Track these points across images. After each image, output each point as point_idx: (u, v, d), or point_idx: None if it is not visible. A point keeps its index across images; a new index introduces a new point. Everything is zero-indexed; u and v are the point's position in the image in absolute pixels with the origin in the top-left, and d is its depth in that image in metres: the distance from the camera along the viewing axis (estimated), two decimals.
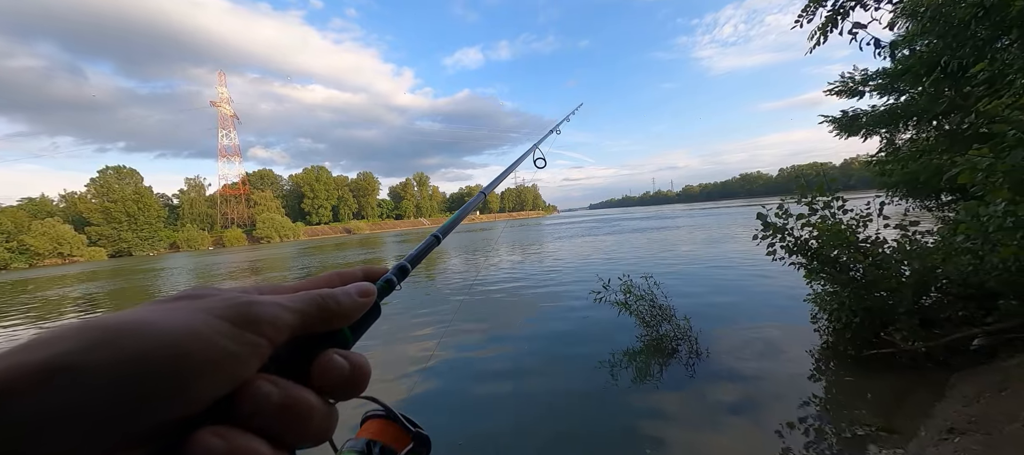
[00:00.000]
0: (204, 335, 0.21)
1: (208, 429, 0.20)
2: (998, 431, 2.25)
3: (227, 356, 0.21)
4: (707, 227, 21.02)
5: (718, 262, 9.86)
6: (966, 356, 3.26)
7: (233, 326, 0.22)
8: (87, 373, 0.17)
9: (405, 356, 4.90)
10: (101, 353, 0.18)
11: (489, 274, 10.98)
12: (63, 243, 63.71)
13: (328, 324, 0.27)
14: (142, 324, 0.19)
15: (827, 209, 3.85)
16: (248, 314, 0.23)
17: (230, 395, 0.21)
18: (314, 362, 0.25)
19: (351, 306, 0.29)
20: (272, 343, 0.24)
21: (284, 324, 0.24)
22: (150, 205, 77.81)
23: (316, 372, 0.25)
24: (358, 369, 0.27)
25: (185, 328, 0.20)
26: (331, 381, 0.25)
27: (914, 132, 7.73)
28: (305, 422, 0.23)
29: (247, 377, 0.22)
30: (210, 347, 0.20)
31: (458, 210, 0.57)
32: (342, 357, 0.26)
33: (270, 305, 0.24)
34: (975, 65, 3.88)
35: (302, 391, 0.24)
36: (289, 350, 0.25)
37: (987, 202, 2.87)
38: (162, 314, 0.21)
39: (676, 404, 3.26)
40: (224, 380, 0.21)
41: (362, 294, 0.30)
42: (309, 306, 0.26)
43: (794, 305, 5.12)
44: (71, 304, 12.68)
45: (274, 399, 0.22)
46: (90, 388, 0.17)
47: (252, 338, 0.22)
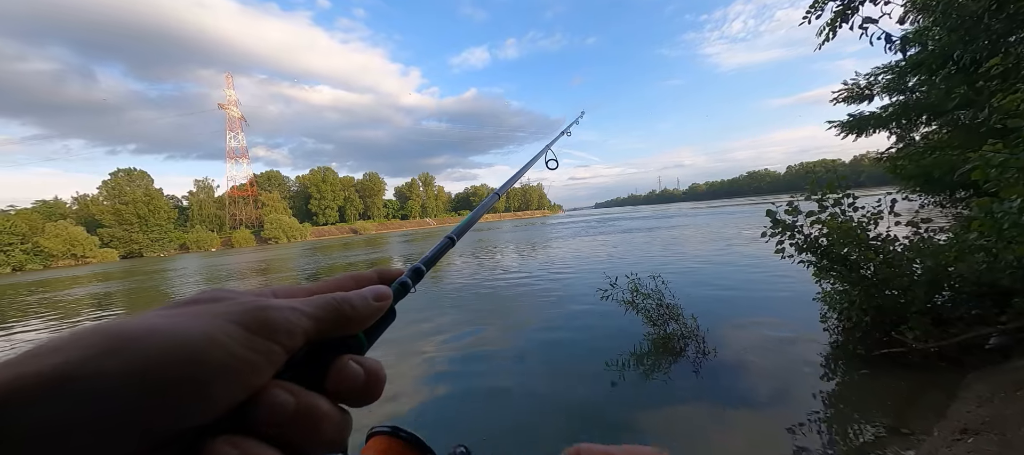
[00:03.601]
0: (218, 341, 0.20)
1: (223, 439, 0.19)
2: (1013, 432, 2.20)
3: (242, 363, 0.21)
4: (709, 227, 20.83)
5: (725, 261, 9.77)
6: (979, 356, 3.20)
7: (248, 332, 0.22)
8: (98, 380, 0.17)
9: (411, 355, 4.92)
10: (113, 360, 0.17)
11: (496, 273, 10.99)
12: (76, 245, 64.81)
13: (343, 329, 0.27)
14: (155, 331, 0.19)
15: (837, 206, 3.80)
16: (263, 319, 0.22)
17: (244, 402, 0.21)
18: (329, 368, 0.25)
19: (367, 310, 0.28)
20: (287, 349, 0.23)
21: (299, 330, 0.24)
22: (160, 207, 78.86)
23: (331, 379, 0.25)
24: (373, 376, 0.26)
25: (199, 334, 0.20)
26: (346, 388, 0.25)
27: (925, 128, 7.61)
28: (319, 430, 0.23)
29: (262, 384, 0.22)
30: (225, 354, 0.20)
31: (473, 211, 0.56)
32: (357, 364, 0.26)
33: (285, 310, 0.24)
34: (989, 59, 3.80)
35: (317, 399, 0.23)
36: (304, 355, 0.25)
37: (1001, 198, 2.81)
38: (175, 320, 0.20)
39: (684, 403, 3.24)
40: (239, 387, 0.20)
41: (378, 298, 0.29)
42: (324, 311, 0.26)
43: (803, 304, 5.06)
44: (91, 303, 12.91)
45: (289, 408, 0.21)
46: (101, 396, 0.16)
47: (267, 345, 0.22)
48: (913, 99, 7.23)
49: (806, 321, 4.58)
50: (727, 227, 19.20)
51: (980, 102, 5.31)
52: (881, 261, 3.58)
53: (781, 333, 4.56)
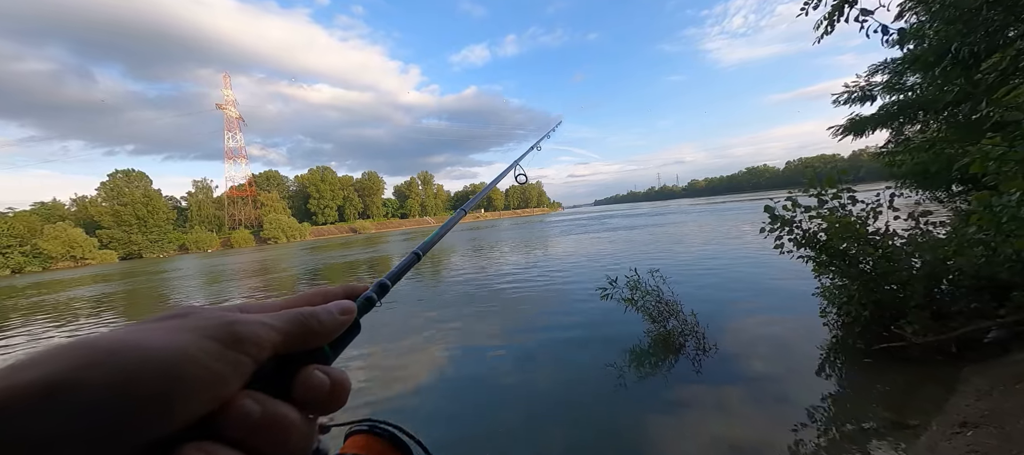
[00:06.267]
0: (193, 356, 0.21)
1: (193, 445, 0.20)
2: (1012, 425, 2.21)
3: (212, 375, 0.22)
4: (708, 224, 20.84)
5: (724, 256, 9.78)
6: (978, 349, 3.21)
7: (218, 344, 0.23)
8: (83, 392, 0.17)
9: (409, 353, 4.92)
10: (94, 373, 0.18)
11: (494, 270, 11.00)
12: (75, 246, 64.67)
13: (310, 342, 0.28)
14: (131, 344, 0.20)
15: (836, 200, 3.80)
16: (232, 333, 0.24)
17: (214, 411, 0.22)
18: (295, 378, 0.26)
19: (332, 324, 0.30)
20: (255, 361, 0.24)
21: (267, 342, 0.25)
22: (159, 208, 78.69)
23: (297, 388, 0.26)
24: (338, 385, 0.27)
25: (175, 349, 0.21)
26: (312, 396, 0.26)
27: (922, 125, 7.62)
28: (286, 437, 0.24)
29: (231, 394, 0.23)
30: (199, 367, 0.21)
31: (438, 228, 0.56)
32: (323, 373, 0.27)
33: (254, 324, 0.25)
34: (987, 51, 3.80)
35: (283, 407, 0.24)
36: (271, 367, 0.26)
37: (1000, 192, 2.82)
38: (151, 334, 0.21)
39: (684, 399, 3.25)
40: (210, 398, 0.22)
41: (343, 312, 0.31)
42: (291, 325, 0.27)
43: (802, 299, 5.07)
44: (90, 305, 12.89)
45: (256, 416, 0.23)
46: (83, 408, 0.17)
47: (236, 357, 0.23)
48: (911, 96, 7.23)
49: (805, 316, 4.59)
50: (725, 224, 19.21)
51: (978, 96, 5.31)
52: (880, 256, 3.58)
53: (781, 328, 4.57)
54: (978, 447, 2.16)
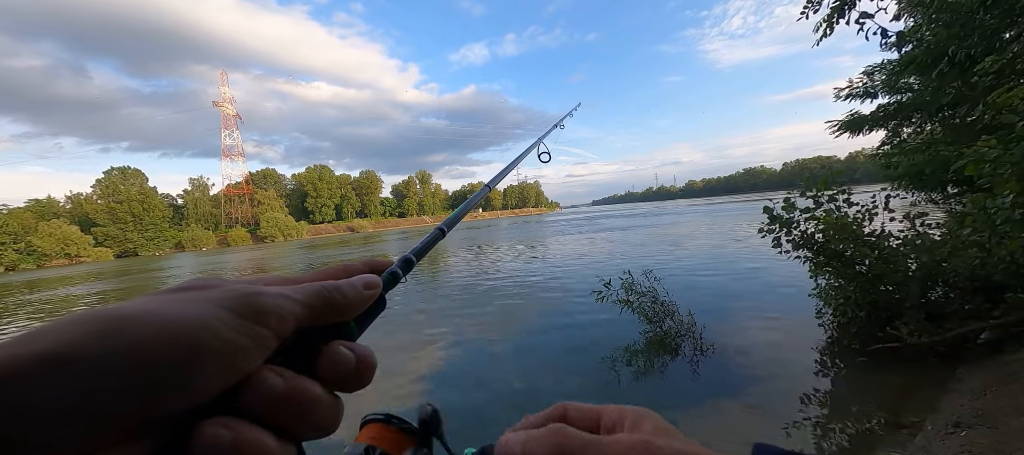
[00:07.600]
0: (211, 326, 0.20)
1: (215, 420, 0.19)
2: (1005, 424, 2.23)
3: (232, 347, 0.21)
4: (706, 224, 20.91)
5: (721, 257, 9.81)
6: (972, 350, 3.24)
7: (239, 317, 0.22)
8: (98, 360, 0.17)
9: (408, 351, 4.91)
10: (108, 342, 0.17)
11: (492, 270, 11.00)
12: (70, 244, 64.31)
13: (333, 316, 0.27)
14: (149, 314, 0.19)
15: (832, 202, 3.82)
16: (254, 305, 0.23)
17: (236, 386, 0.21)
18: (320, 354, 0.25)
19: (356, 298, 0.28)
20: (277, 335, 0.23)
21: (289, 315, 0.24)
22: (155, 205, 78.32)
23: (322, 364, 0.25)
24: (363, 361, 0.26)
25: (193, 318, 0.20)
26: (337, 373, 0.25)
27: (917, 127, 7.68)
28: (310, 414, 0.23)
29: (253, 369, 0.22)
30: (218, 338, 0.20)
31: (462, 204, 0.56)
32: (348, 349, 0.26)
33: (276, 296, 0.24)
34: (982, 54, 3.82)
35: (307, 383, 0.23)
36: (295, 342, 0.25)
37: (995, 194, 2.84)
38: (169, 304, 0.21)
39: (681, 400, 3.26)
40: (230, 371, 0.21)
41: (367, 286, 0.29)
42: (314, 298, 0.26)
43: (799, 299, 5.09)
44: (84, 302, 12.81)
45: (279, 390, 0.22)
46: (97, 376, 0.17)
47: (258, 330, 0.22)
48: (907, 98, 7.28)
49: (802, 316, 4.61)
50: (723, 225, 19.27)
51: (974, 99, 5.34)
52: (876, 257, 3.60)
53: (777, 329, 4.59)
54: (972, 447, 2.17)
